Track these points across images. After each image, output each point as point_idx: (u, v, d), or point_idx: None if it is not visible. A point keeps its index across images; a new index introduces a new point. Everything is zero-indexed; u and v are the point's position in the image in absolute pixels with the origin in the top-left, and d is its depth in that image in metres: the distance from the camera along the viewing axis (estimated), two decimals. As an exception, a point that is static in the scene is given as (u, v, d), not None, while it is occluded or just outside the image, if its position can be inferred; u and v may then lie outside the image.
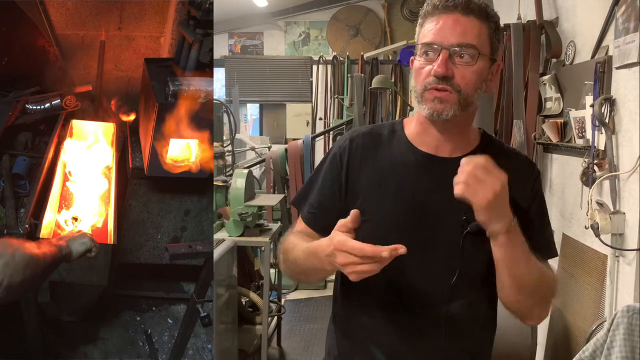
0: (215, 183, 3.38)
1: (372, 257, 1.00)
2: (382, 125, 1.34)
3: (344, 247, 1.03)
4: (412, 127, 1.28)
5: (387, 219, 1.23)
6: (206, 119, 2.09)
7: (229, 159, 3.89)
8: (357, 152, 1.28)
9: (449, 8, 1.15)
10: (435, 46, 1.14)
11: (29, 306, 2.10)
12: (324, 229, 1.16)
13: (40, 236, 2.02)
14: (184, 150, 2.18)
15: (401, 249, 1.00)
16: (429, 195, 1.22)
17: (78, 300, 2.32)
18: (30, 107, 2.41)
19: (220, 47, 7.94)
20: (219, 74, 8.17)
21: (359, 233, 1.14)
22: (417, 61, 1.18)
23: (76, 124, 2.46)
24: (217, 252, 2.73)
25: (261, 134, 7.94)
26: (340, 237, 1.05)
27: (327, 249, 1.07)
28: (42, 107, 2.42)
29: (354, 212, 1.08)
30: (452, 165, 1.19)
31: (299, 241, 1.25)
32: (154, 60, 2.38)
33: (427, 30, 1.17)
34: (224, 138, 4.16)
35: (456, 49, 1.13)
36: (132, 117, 2.52)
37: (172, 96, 2.03)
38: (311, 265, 1.17)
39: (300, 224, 1.34)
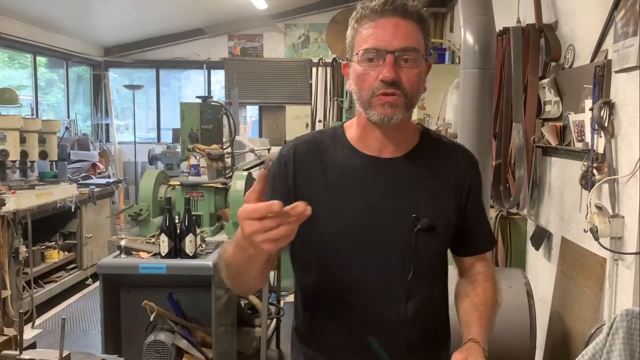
0: (214, 185, 3.38)
1: (270, 211, 0.91)
2: (323, 132, 1.34)
3: (246, 211, 0.93)
4: (353, 131, 1.28)
5: (339, 225, 1.23)
6: None
7: (228, 161, 3.88)
8: (303, 160, 1.27)
9: (388, 12, 1.15)
10: (380, 51, 1.15)
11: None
12: None
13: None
14: None
15: (307, 211, 0.91)
16: (378, 196, 1.24)
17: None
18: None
19: (220, 49, 7.95)
20: (219, 75, 8.18)
21: (314, 240, 1.17)
22: (360, 67, 1.17)
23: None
24: (217, 254, 2.74)
25: (260, 135, 7.94)
26: (244, 205, 0.95)
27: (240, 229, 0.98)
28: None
29: (260, 174, 0.98)
30: (396, 165, 1.25)
31: (232, 243, 1.16)
32: None
33: (368, 34, 1.16)
34: (224, 140, 4.16)
35: (401, 52, 1.15)
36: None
37: None
38: (240, 259, 1.08)
39: None
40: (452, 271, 1.40)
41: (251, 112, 8.39)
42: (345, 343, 1.28)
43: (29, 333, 3.99)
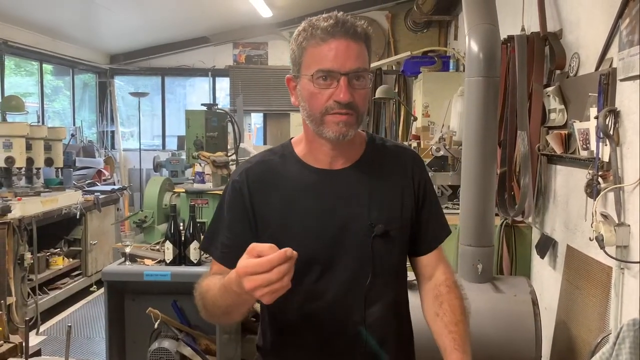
0: (219, 192, 3.38)
1: (279, 262, 0.97)
2: (271, 151, 1.36)
3: (247, 269, 0.98)
4: (302, 147, 1.31)
5: (299, 240, 1.23)
6: None
7: (233, 168, 3.89)
8: (256, 182, 1.29)
9: (340, 33, 1.17)
10: (334, 72, 1.17)
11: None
12: None
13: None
14: None
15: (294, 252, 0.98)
16: (333, 208, 1.26)
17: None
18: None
19: (225, 56, 7.98)
20: (224, 83, 8.21)
21: None
22: (314, 85, 1.18)
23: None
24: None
25: (265, 143, 7.95)
26: (242, 261, 1.00)
27: (237, 278, 1.02)
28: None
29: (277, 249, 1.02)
30: (346, 175, 1.28)
31: (214, 282, 1.20)
32: None
33: (320, 55, 1.18)
34: (228, 147, 4.17)
35: (353, 74, 1.18)
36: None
37: None
38: (229, 301, 1.13)
39: (214, 266, 1.32)
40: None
41: (256, 120, 8.41)
42: (309, 355, 1.30)
43: (33, 340, 3.99)
